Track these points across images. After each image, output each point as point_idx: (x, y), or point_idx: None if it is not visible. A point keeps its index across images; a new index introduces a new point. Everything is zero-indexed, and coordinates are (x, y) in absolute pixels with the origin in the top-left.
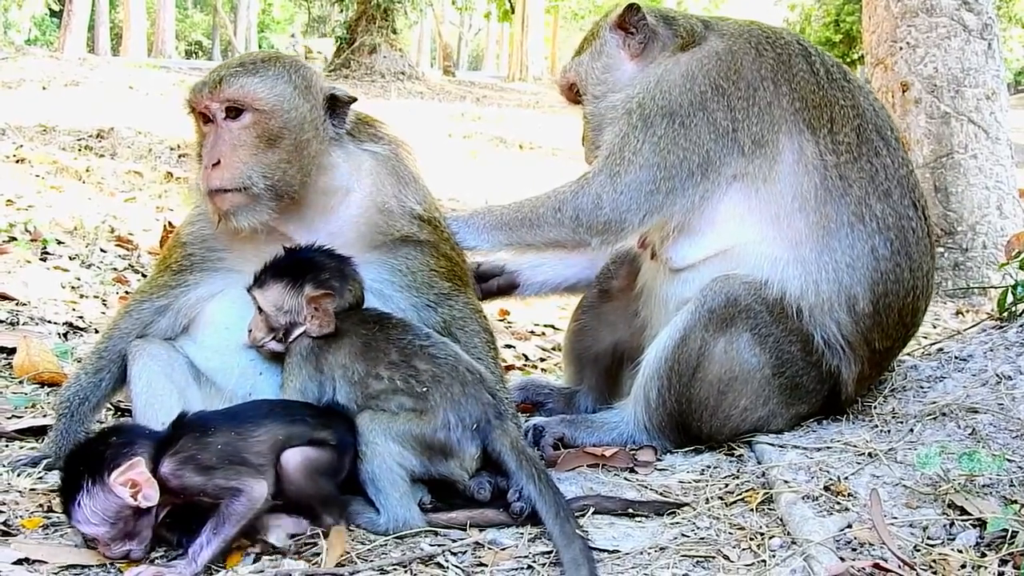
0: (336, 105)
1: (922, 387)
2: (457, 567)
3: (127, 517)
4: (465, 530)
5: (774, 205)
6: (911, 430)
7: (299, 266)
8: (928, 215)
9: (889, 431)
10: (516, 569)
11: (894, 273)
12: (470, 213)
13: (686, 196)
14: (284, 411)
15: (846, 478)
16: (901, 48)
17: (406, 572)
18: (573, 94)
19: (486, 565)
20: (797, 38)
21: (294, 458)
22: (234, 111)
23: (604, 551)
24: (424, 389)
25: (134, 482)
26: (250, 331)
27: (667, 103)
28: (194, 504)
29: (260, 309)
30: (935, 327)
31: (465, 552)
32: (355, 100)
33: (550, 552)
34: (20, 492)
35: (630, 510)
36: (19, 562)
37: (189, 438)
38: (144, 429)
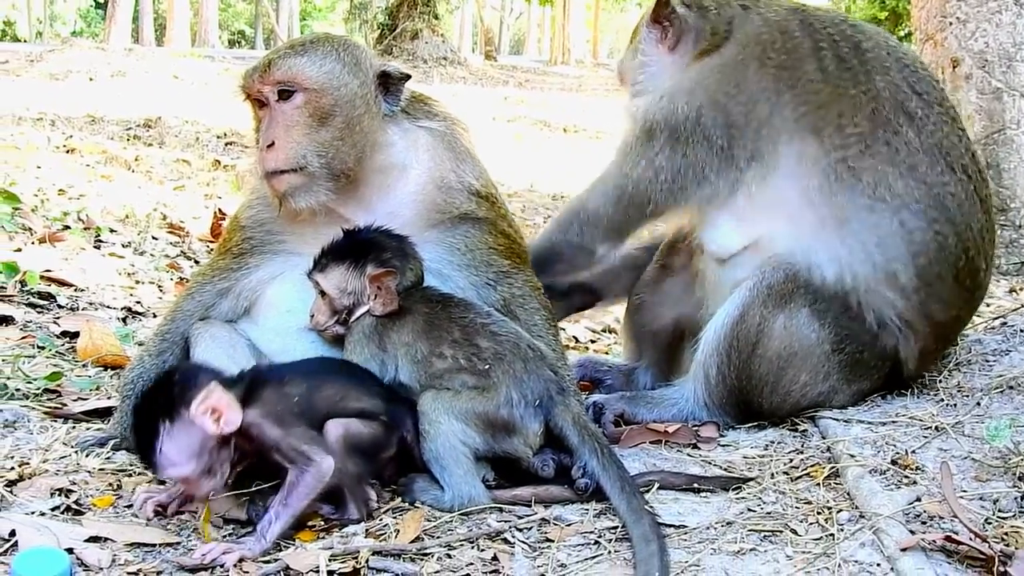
0: (388, 82)
1: (987, 360)
2: (524, 543)
3: (211, 448)
4: (530, 506)
5: (781, 202)
6: (978, 403)
7: (359, 246)
8: (973, 173)
9: (955, 405)
10: (583, 544)
11: (936, 242)
12: None
13: (687, 202)
14: (351, 371)
15: (913, 452)
16: (951, 23)
17: (473, 548)
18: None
19: (553, 541)
20: (811, 31)
21: (336, 430)
22: (285, 92)
23: (670, 526)
24: (487, 367)
25: (214, 408)
26: (312, 316)
27: (666, 116)
28: (264, 459)
29: (323, 293)
30: (988, 305)
31: (531, 528)
32: (408, 77)
33: (616, 527)
34: (89, 472)
35: (695, 485)
36: (90, 540)
37: (270, 388)
38: (203, 364)
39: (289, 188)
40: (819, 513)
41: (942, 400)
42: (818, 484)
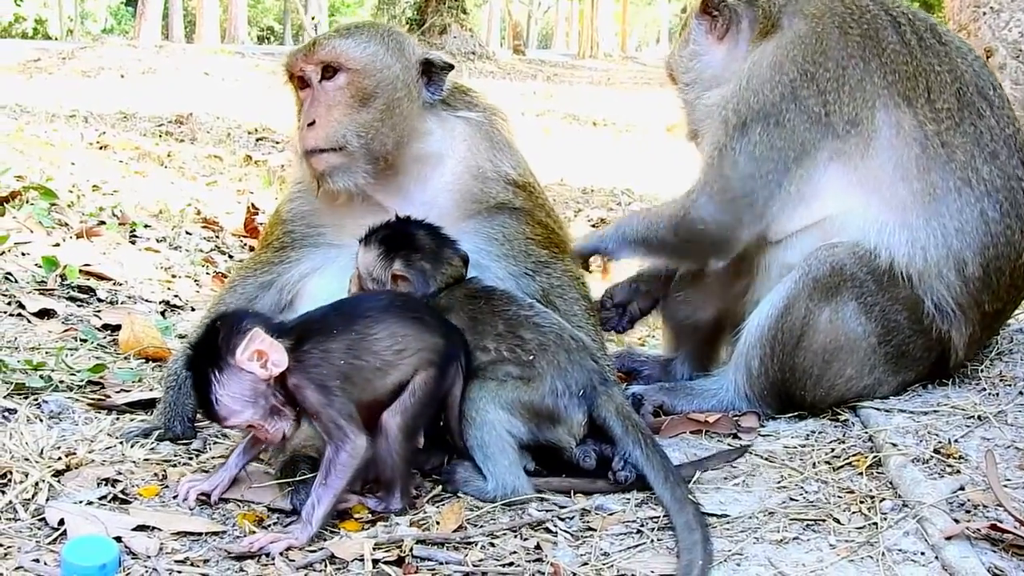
0: (431, 70)
1: None
2: (567, 532)
3: (265, 392)
4: (571, 496)
5: (874, 179)
6: (1020, 392)
7: (398, 239)
8: None
9: (998, 394)
10: (625, 534)
11: (1004, 236)
12: (612, 225)
13: (783, 191)
14: (404, 306)
15: (956, 441)
16: (984, 13)
17: (516, 537)
18: (674, 83)
19: (595, 530)
20: (885, 7)
21: (393, 420)
22: (329, 71)
23: (713, 515)
24: (531, 357)
25: (259, 352)
26: (349, 283)
27: (760, 103)
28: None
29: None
30: None
31: (573, 517)
32: (452, 67)
33: (658, 516)
34: (134, 463)
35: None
36: (138, 528)
37: (313, 344)
38: (244, 311)
39: (328, 168)
40: (862, 502)
41: (984, 389)
42: (860, 473)
